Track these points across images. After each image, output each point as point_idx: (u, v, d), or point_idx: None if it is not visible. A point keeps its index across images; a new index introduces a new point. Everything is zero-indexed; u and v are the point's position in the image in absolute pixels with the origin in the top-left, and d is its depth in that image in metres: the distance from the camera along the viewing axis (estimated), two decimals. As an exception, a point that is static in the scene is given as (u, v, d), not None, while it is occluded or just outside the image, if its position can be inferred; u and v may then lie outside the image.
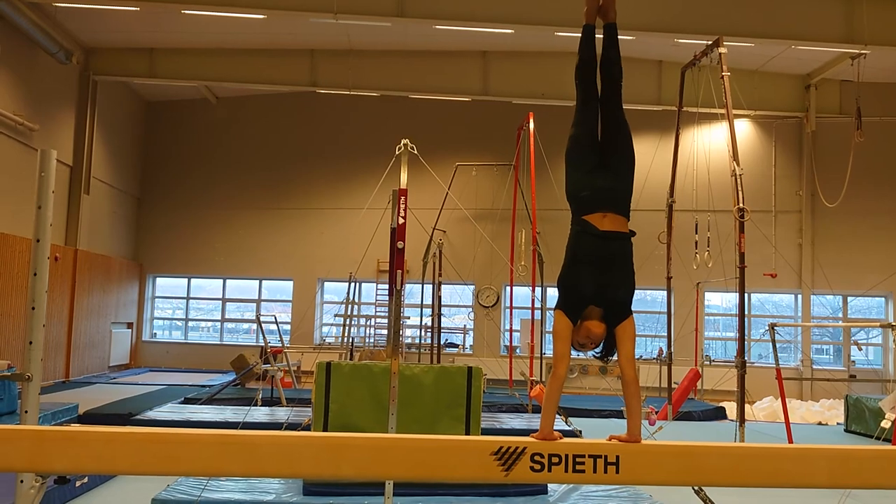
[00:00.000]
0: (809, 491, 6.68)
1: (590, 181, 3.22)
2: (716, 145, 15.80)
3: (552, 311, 3.13)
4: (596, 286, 3.05)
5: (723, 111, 9.62)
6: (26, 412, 3.37)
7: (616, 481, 2.86)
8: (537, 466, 2.76)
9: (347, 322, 16.54)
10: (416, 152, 5.66)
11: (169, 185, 19.66)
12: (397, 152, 5.62)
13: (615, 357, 3.13)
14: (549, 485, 6.53)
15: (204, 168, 19.55)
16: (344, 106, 18.69)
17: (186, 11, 13.98)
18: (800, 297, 17.99)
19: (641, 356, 16.02)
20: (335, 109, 18.93)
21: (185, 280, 20.12)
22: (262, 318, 14.06)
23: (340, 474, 2.99)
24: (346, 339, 16.13)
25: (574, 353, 3.14)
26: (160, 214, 19.59)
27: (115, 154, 18.09)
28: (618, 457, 2.79)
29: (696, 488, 5.53)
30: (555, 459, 2.77)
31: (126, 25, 15.52)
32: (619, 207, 3.18)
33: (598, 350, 3.15)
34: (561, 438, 2.85)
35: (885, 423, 7.63)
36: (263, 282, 19.93)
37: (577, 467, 2.77)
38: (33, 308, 3.45)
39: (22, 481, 3.17)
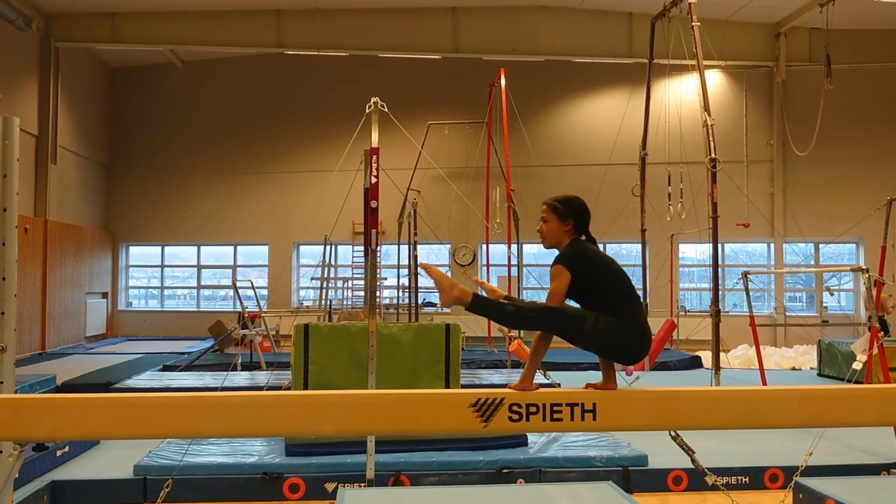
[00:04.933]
0: (785, 434, 6.84)
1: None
2: (687, 97, 15.77)
3: (550, 268, 3.02)
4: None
5: (693, 62, 9.59)
6: (1, 383, 3.34)
7: (593, 428, 2.90)
8: (515, 416, 2.80)
9: (324, 285, 16.51)
10: (386, 110, 5.60)
11: (138, 152, 19.36)
12: (367, 111, 5.56)
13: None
14: (529, 436, 6.61)
15: (173, 134, 19.27)
16: (313, 67, 18.45)
17: (148, -27, 13.70)
18: (772, 245, 18.19)
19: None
20: (304, 70, 18.69)
21: (159, 248, 19.94)
22: (238, 284, 14.00)
23: (320, 431, 3.01)
24: (323, 301, 16.11)
25: None
26: (130, 182, 19.33)
27: (81, 122, 17.77)
28: (594, 404, 2.82)
29: (672, 434, 5.62)
30: (532, 409, 2.80)
31: (86, -11, 15.16)
32: None
33: None
34: (538, 389, 2.88)
35: (857, 366, 7.76)
36: (238, 247, 19.82)
37: (555, 416, 2.80)
38: (3, 278, 3.41)
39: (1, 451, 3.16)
